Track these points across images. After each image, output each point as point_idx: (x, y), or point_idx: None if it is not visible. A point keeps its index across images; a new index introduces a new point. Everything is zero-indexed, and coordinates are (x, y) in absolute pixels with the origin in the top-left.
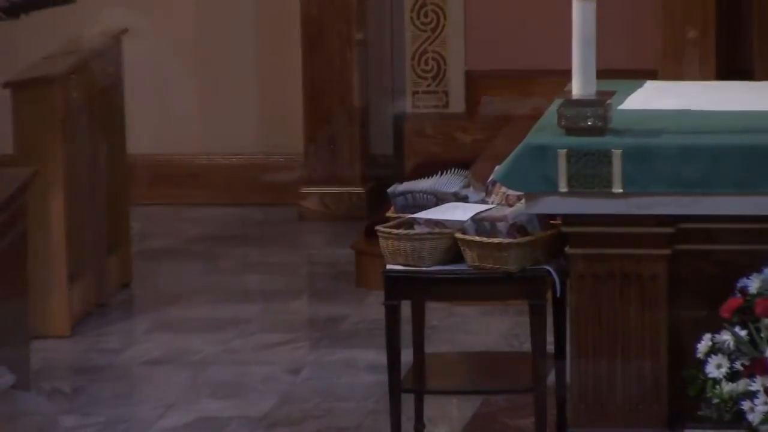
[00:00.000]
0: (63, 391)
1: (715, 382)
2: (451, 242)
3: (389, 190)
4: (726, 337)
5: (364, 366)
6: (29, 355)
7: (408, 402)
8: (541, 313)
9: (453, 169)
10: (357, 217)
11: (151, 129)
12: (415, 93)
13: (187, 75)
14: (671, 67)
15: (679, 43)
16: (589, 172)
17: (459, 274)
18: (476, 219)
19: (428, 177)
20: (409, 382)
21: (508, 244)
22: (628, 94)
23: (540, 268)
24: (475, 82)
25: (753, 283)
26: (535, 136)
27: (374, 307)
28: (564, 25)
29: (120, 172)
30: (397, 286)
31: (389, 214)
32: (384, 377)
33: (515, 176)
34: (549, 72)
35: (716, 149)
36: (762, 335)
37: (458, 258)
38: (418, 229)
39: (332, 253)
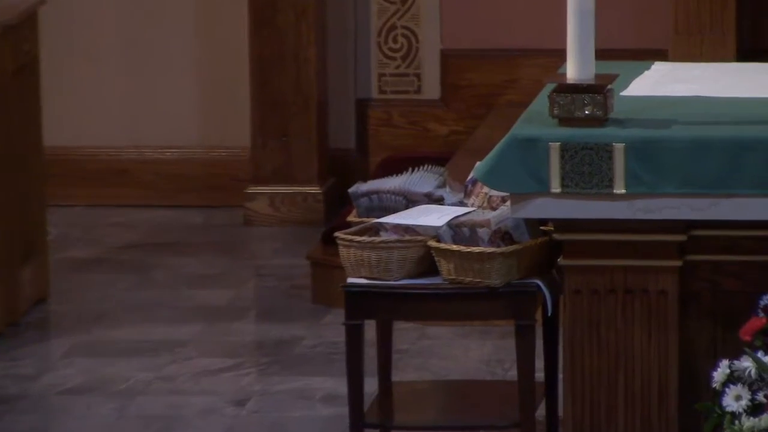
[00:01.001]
0: None
1: (734, 416)
2: (423, 252)
3: (351, 190)
4: (747, 363)
5: (320, 397)
6: None
7: None
8: (529, 335)
9: (426, 166)
10: (313, 221)
11: (72, 118)
12: (381, 76)
13: (113, 54)
14: (684, 46)
15: (693, 18)
16: (587, 169)
17: (433, 290)
18: (453, 224)
19: (397, 175)
20: (373, 416)
21: (491, 254)
22: (633, 78)
23: (528, 283)
24: (452, 64)
25: None
26: (522, 127)
27: (333, 327)
28: None
29: (35, 168)
30: (359, 303)
31: (351, 218)
32: (344, 410)
33: (499, 174)
34: (539, 52)
35: (735, 143)
36: None
37: (432, 270)
38: (384, 236)
39: (284, 264)
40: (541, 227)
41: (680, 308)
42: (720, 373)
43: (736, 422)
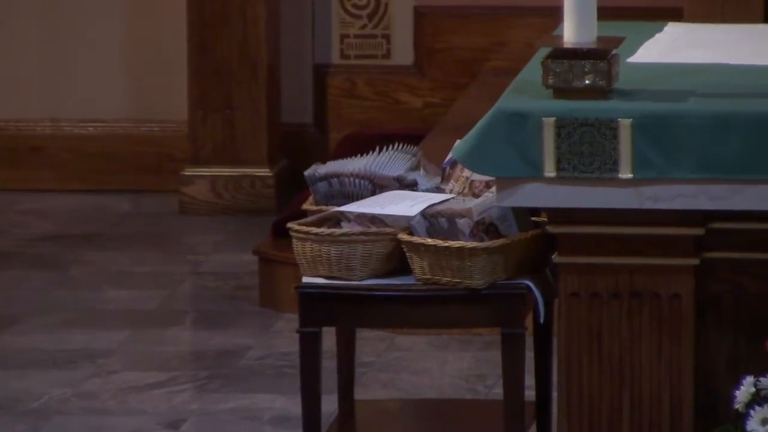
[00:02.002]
0: None
1: None
2: (392, 246)
3: (307, 173)
4: None
5: (269, 418)
6: None
7: None
8: (518, 346)
9: (396, 145)
10: (262, 210)
11: None
12: (344, 38)
13: (27, 15)
14: (702, 4)
15: None
16: (587, 149)
17: (403, 291)
18: (428, 214)
19: (362, 155)
20: None
21: (473, 249)
22: (642, 42)
23: (516, 284)
24: (428, 23)
25: None
26: (510, 99)
27: (285, 335)
28: None
29: None
30: (316, 308)
31: (307, 206)
32: None
33: (483, 155)
34: (530, 10)
35: (762, 120)
36: None
37: (403, 268)
38: (346, 228)
39: (227, 261)
40: (533, 218)
41: (696, 315)
42: (743, 392)
43: None
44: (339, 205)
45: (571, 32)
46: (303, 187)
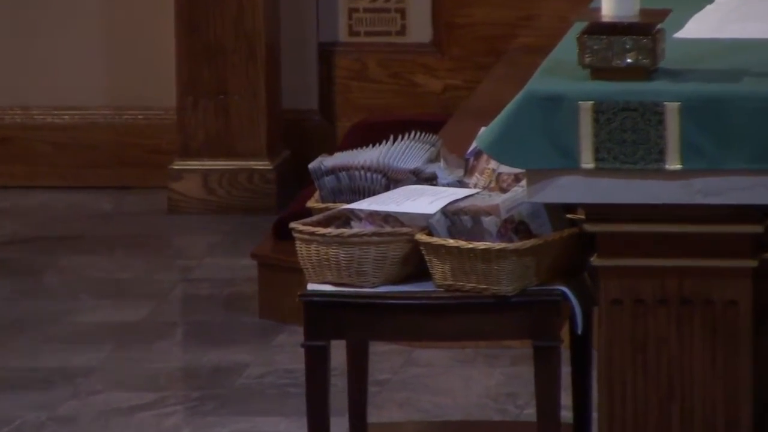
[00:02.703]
0: None
1: None
2: (409, 249)
3: (312, 166)
4: None
5: None
6: None
7: None
8: (553, 361)
9: (413, 133)
10: (261, 208)
11: None
12: (352, 12)
13: None
14: None
15: None
16: (629, 137)
17: (422, 299)
18: (450, 212)
19: (374, 145)
20: None
21: (501, 251)
22: (691, 15)
23: (550, 290)
24: None
25: None
26: (542, 81)
27: (288, 350)
28: None
29: None
30: (324, 318)
31: (312, 203)
32: None
33: (511, 144)
34: None
35: None
36: None
37: (421, 273)
38: (357, 228)
39: (221, 266)
40: (568, 215)
41: (755, 323)
42: None
43: None
44: (348, 202)
45: (610, 4)
46: (307, 182)
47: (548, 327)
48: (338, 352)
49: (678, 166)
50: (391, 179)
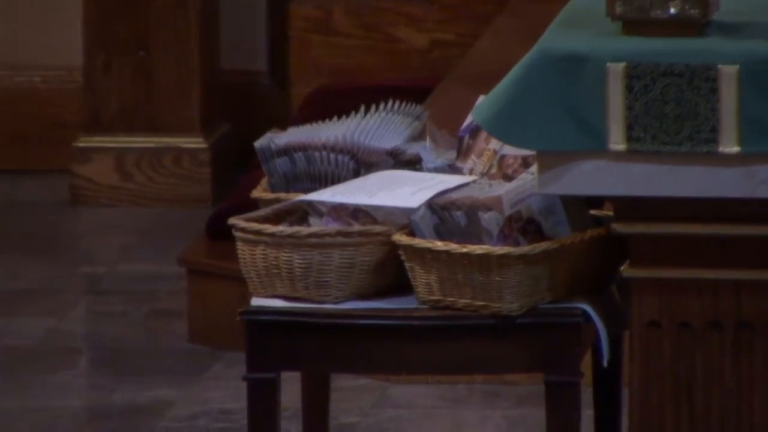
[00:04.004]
0: None
1: None
2: (384, 253)
3: (259, 144)
4: None
5: None
6: None
7: None
8: (570, 401)
9: (391, 103)
10: (192, 198)
11: None
12: None
13: None
14: None
15: None
16: (672, 111)
17: (401, 319)
18: (438, 205)
19: (339, 118)
20: None
21: (504, 257)
22: None
23: (568, 309)
24: None
25: None
26: (558, 37)
27: (225, 384)
28: None
29: None
30: (272, 343)
31: (259, 193)
32: None
33: (518, 119)
34: None
35: None
36: None
37: (400, 286)
38: (317, 226)
39: (140, 274)
40: (591, 212)
41: None
42: None
43: None
44: (306, 192)
45: None
46: (253, 165)
47: (565, 357)
48: (291, 387)
49: (735, 149)
50: (361, 162)
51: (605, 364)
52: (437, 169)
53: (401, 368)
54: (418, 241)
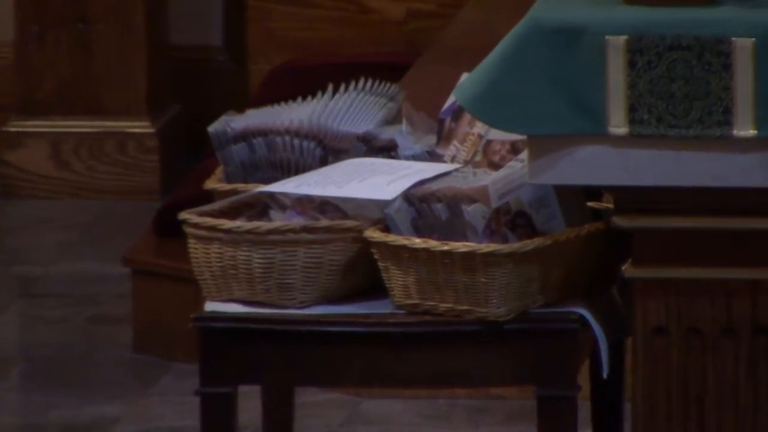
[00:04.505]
0: None
1: None
2: (355, 252)
3: (214, 128)
4: None
5: None
6: None
7: None
8: (565, 417)
9: (362, 82)
10: (138, 190)
11: None
12: None
13: None
14: None
15: None
16: (680, 89)
17: (374, 326)
18: (416, 197)
19: (304, 99)
20: None
21: (490, 255)
22: None
23: (563, 313)
24: None
25: None
26: (552, 6)
27: (175, 399)
28: None
29: None
30: (229, 353)
31: (213, 183)
32: None
33: (506, 99)
34: None
35: None
36: None
37: (373, 288)
38: (279, 221)
39: (79, 275)
40: (589, 204)
41: None
42: None
43: None
44: (266, 182)
45: None
46: (207, 152)
47: (559, 368)
48: (250, 402)
49: (751, 132)
50: (329, 149)
51: (605, 375)
52: (415, 157)
53: (374, 381)
54: (393, 238)
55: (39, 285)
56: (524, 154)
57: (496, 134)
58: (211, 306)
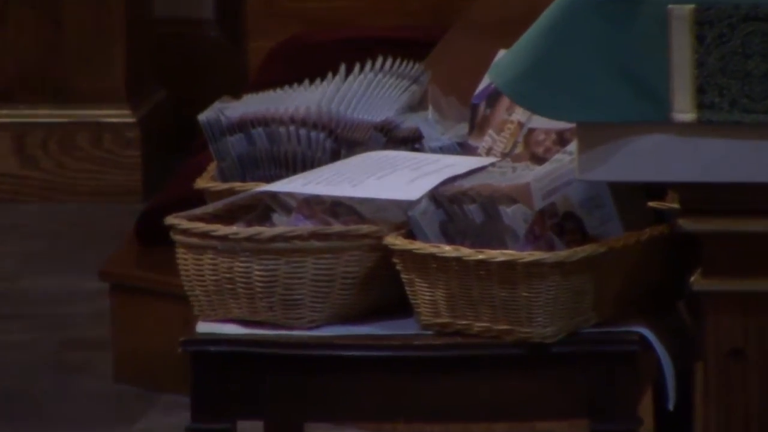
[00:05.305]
0: None
1: None
2: (373, 262)
3: (205, 117)
4: None
5: None
6: None
7: None
8: None
9: (380, 61)
10: (117, 190)
11: None
12: None
13: None
14: None
15: None
16: (758, 68)
17: (398, 350)
18: (445, 197)
19: (311, 82)
20: None
21: (533, 265)
22: None
23: (621, 333)
24: None
25: None
26: None
27: None
28: None
29: None
30: (226, 383)
31: (206, 182)
32: None
33: (551, 82)
34: None
35: None
36: None
37: (395, 304)
38: (284, 225)
39: (50, 291)
40: (650, 204)
41: None
42: None
43: None
44: (268, 181)
45: None
46: (197, 145)
47: (617, 398)
48: None
49: None
50: (342, 140)
51: (671, 407)
52: (443, 149)
53: (398, 415)
54: (419, 246)
55: (2, 304)
56: (573, 146)
57: (539, 122)
58: (204, 327)
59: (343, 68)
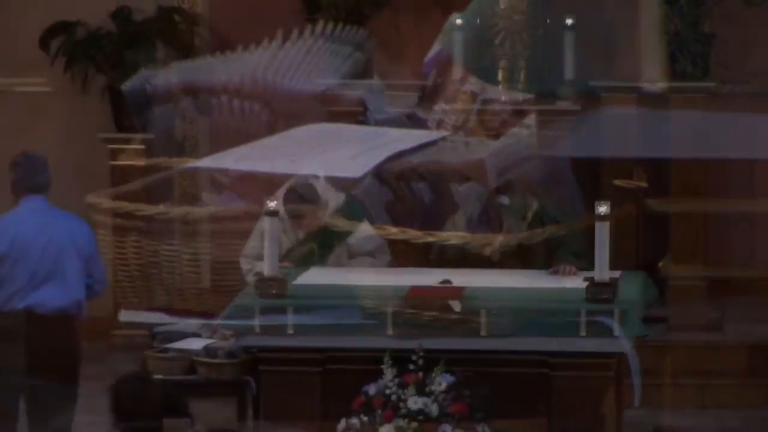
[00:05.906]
0: None
1: None
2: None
3: (128, 86)
4: None
5: None
6: None
7: None
8: None
9: (321, 26)
10: None
11: None
12: None
13: None
14: None
15: None
16: None
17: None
18: (392, 174)
19: (245, 49)
20: None
21: (485, 248)
22: None
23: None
24: None
25: None
26: None
27: None
28: None
29: None
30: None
31: (128, 159)
32: None
33: None
34: None
35: None
36: None
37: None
38: (213, 204)
39: None
40: (615, 182)
41: None
42: None
43: None
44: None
45: None
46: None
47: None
48: None
49: None
50: (278, 112)
51: (637, 403)
52: (389, 121)
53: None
54: (363, 228)
55: None
56: (532, 119)
57: (495, 93)
58: (126, 316)
59: (279, 33)
